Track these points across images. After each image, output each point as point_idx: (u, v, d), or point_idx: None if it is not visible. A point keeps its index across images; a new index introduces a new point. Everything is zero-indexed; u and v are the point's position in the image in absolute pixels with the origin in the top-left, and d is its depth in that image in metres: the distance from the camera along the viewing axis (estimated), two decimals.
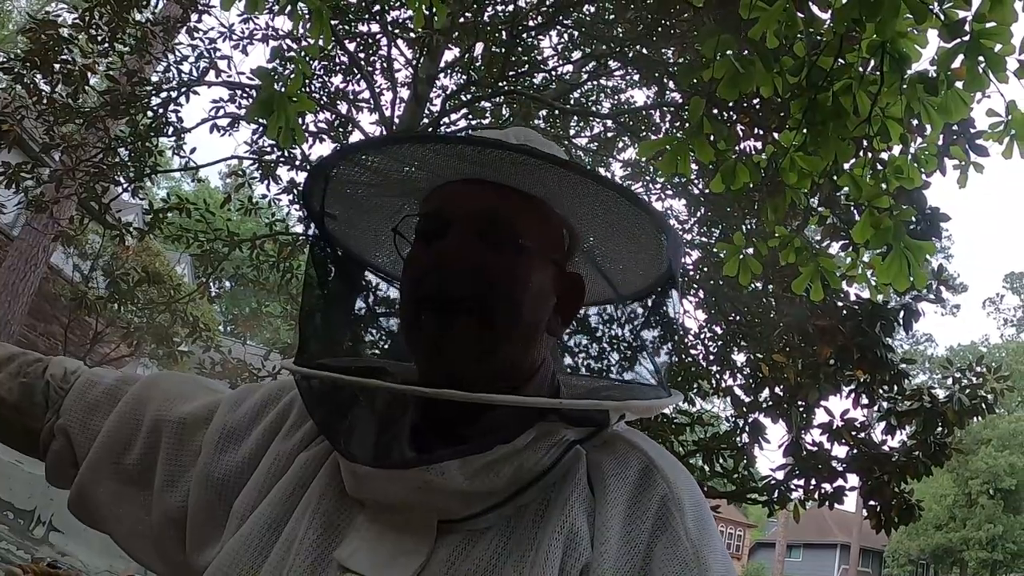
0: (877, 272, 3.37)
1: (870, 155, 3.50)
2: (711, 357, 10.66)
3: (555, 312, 1.06)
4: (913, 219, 3.33)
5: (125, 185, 8.95)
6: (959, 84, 2.91)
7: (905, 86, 3.04)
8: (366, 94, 10.31)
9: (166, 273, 13.05)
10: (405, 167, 1.05)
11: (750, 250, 3.90)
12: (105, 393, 1.24)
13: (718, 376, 10.38)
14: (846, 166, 3.47)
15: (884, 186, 3.28)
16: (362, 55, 10.11)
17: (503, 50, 9.08)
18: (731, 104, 5.42)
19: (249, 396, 1.19)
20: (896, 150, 3.49)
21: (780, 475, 7.14)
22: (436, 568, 0.91)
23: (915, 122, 3.26)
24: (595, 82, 11.45)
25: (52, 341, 16.10)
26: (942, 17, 2.74)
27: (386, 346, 1.20)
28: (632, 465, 0.99)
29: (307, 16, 3.49)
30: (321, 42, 3.68)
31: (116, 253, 12.14)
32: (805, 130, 3.23)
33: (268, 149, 9.71)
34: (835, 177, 3.62)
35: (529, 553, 0.91)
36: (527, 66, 10.21)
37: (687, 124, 3.32)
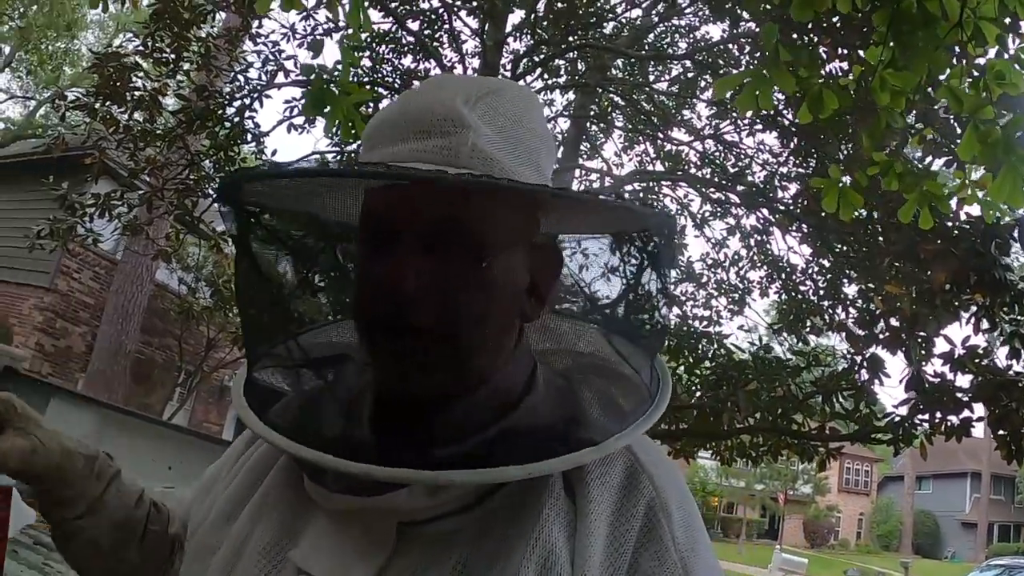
0: (989, 191, 3.10)
1: (965, 62, 3.20)
2: (821, 292, 10.36)
3: (529, 294, 0.95)
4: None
5: (214, 196, 9.13)
6: None
7: None
8: (438, 71, 10.24)
9: None
10: (328, 190, 0.95)
11: (847, 179, 3.66)
12: None
13: (830, 311, 10.07)
14: (942, 78, 3.18)
15: (986, 95, 2.98)
16: (427, 32, 10.03)
17: (565, 5, 8.86)
18: (811, 26, 5.10)
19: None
20: (993, 53, 3.19)
21: (903, 411, 6.83)
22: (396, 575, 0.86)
23: (1008, 20, 2.95)
24: (667, 23, 11.09)
25: (169, 353, 16.75)
26: None
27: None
28: (617, 465, 0.91)
29: (345, 5, 3.39)
30: (361, 31, 3.57)
31: (217, 262, 12.46)
32: (892, 44, 2.96)
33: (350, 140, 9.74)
34: (931, 91, 3.33)
35: (496, 568, 0.83)
36: (594, 17, 9.95)
37: (763, 55, 3.10)
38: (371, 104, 8.03)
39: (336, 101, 3.50)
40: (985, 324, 6.21)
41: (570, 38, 9.49)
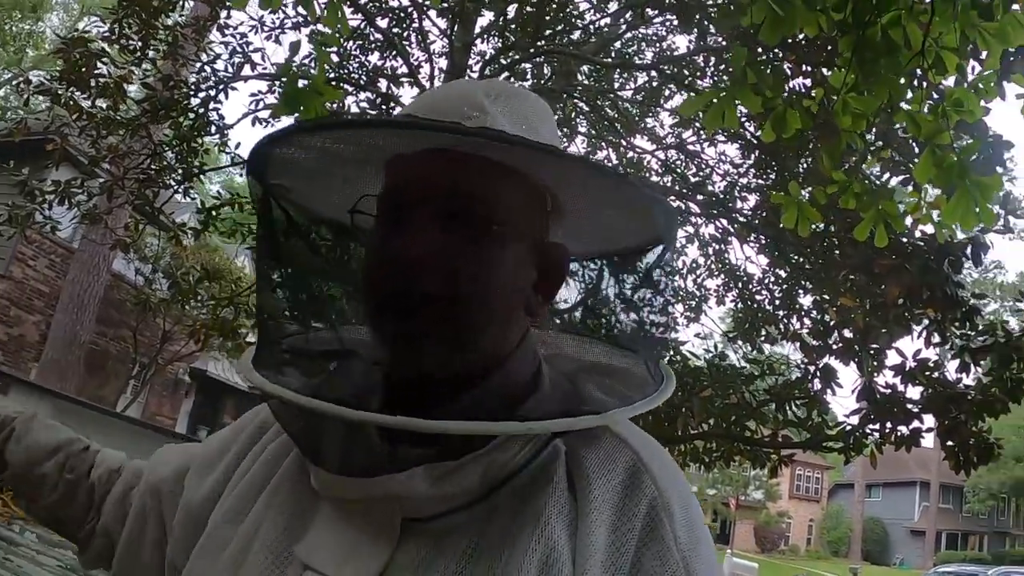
0: (943, 212, 3.20)
1: (925, 85, 3.31)
2: (776, 302, 10.50)
3: (535, 289, 0.97)
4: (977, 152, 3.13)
5: (175, 187, 9.04)
6: (1016, 7, 2.72)
7: (958, 13, 2.86)
8: (404, 69, 10.24)
9: (226, 268, 13.27)
10: (357, 147, 0.95)
11: (805, 194, 3.74)
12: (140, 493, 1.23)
13: (785, 321, 10.21)
14: (902, 103, 3.28)
15: (944, 121, 3.09)
16: (396, 30, 10.02)
17: (535, 9, 8.90)
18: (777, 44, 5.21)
19: (225, 429, 1.17)
20: (952, 81, 3.30)
21: (855, 420, 6.97)
22: (399, 572, 0.85)
23: (969, 47, 3.06)
24: (634, 32, 11.18)
25: (123, 345, 16.55)
26: None
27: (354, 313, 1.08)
28: (619, 463, 0.90)
29: (323, 5, 3.40)
30: (339, 31, 3.58)
31: (176, 254, 12.35)
32: (855, 69, 3.06)
33: None
34: (891, 113, 3.43)
35: (497, 565, 0.83)
36: (563, 23, 10.00)
37: (731, 74, 3.17)
38: (336, 103, 8.00)
39: (310, 101, 3.51)
40: (936, 338, 6.38)
41: (538, 43, 9.53)
